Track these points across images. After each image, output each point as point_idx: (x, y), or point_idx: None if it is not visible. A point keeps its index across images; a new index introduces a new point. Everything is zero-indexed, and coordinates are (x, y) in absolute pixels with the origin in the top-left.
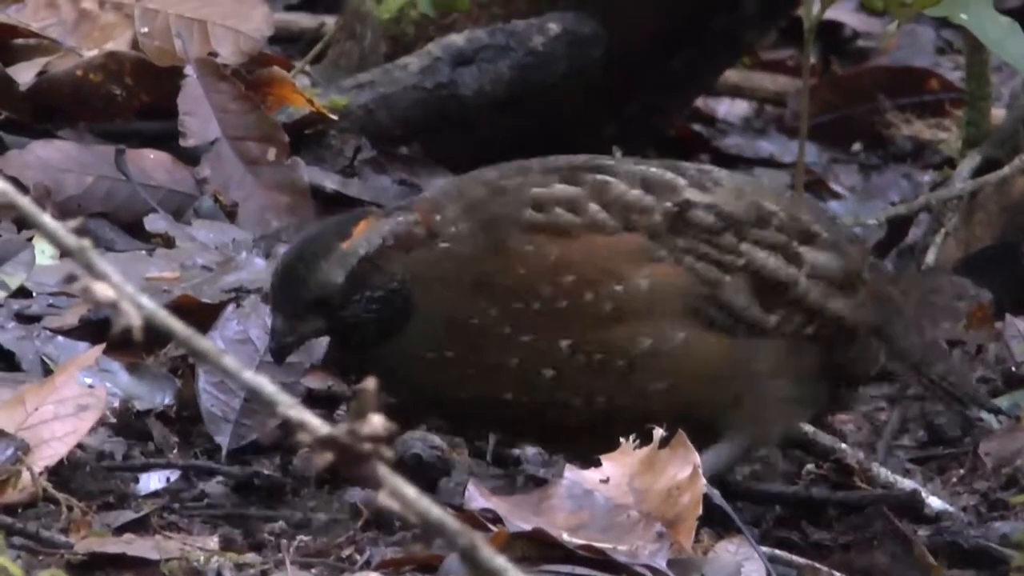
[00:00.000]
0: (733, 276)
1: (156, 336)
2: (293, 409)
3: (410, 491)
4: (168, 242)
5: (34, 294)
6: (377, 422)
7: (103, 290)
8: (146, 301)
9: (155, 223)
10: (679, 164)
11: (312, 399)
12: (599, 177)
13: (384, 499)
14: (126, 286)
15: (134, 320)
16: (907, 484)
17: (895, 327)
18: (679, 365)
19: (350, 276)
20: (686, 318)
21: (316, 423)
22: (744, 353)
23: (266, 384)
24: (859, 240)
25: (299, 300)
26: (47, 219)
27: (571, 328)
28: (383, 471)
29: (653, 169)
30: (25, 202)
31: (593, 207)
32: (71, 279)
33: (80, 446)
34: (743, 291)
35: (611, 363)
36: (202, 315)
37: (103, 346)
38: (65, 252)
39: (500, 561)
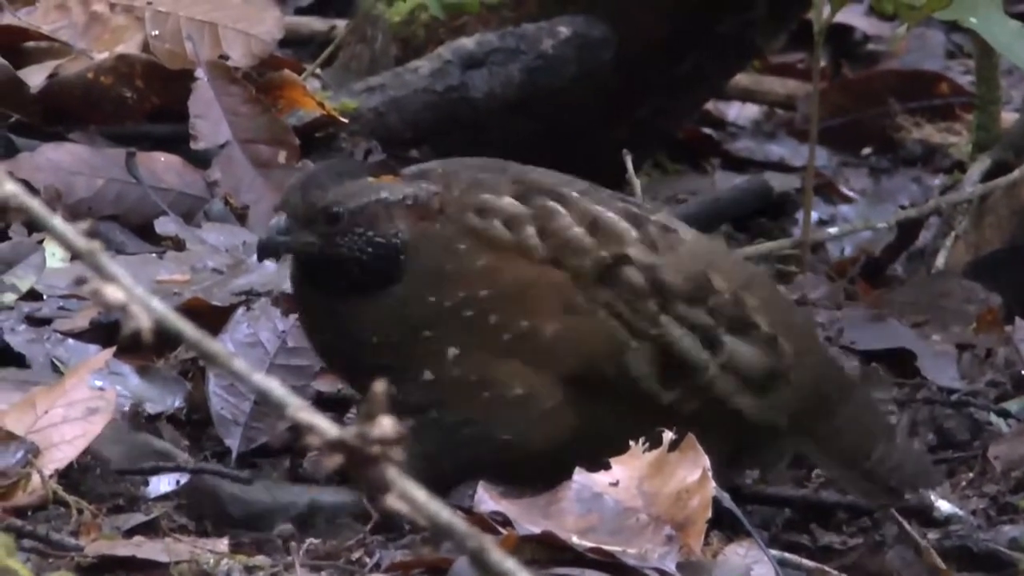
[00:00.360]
0: (641, 343)
1: (166, 339)
2: (303, 412)
3: (420, 494)
4: (178, 245)
5: (44, 297)
6: (387, 425)
7: (113, 292)
8: (156, 304)
9: (165, 226)
10: (644, 215)
11: (322, 402)
12: (549, 204)
13: (393, 502)
14: (136, 288)
15: (144, 323)
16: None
17: (826, 424)
18: (537, 425)
19: (364, 207)
20: (573, 379)
21: (326, 426)
22: (616, 428)
23: (276, 387)
24: (811, 327)
25: (311, 204)
26: (57, 221)
27: (463, 339)
28: (392, 474)
29: (610, 215)
30: (35, 204)
31: (529, 230)
32: (81, 282)
33: (89, 449)
34: (645, 360)
35: (477, 393)
36: (212, 318)
37: (113, 349)
38: (75, 254)
39: (509, 564)
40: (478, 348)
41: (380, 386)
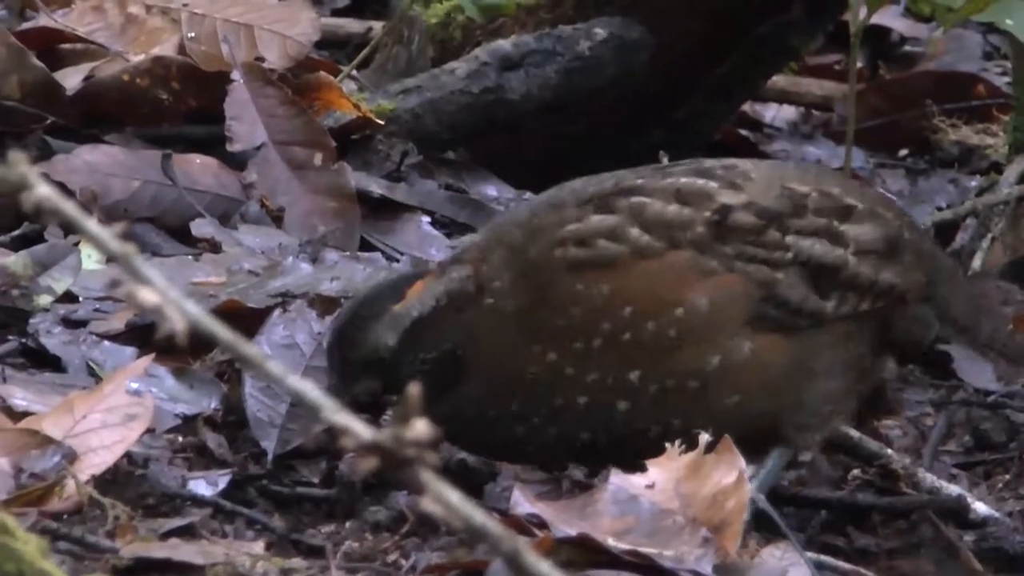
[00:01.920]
0: (785, 272)
1: (202, 341)
2: (337, 414)
3: (454, 496)
4: (214, 247)
5: (80, 299)
6: (421, 427)
7: (147, 295)
8: (191, 306)
9: (202, 228)
10: (704, 165)
11: (357, 404)
12: (634, 200)
13: (428, 504)
14: (170, 291)
15: (178, 325)
16: (953, 489)
17: (942, 284)
18: (749, 376)
19: (403, 338)
20: (748, 326)
21: (360, 428)
22: (807, 350)
23: (310, 389)
24: (888, 199)
25: (350, 362)
26: (92, 224)
27: (638, 359)
28: (427, 476)
29: (684, 180)
30: (70, 207)
31: (635, 232)
32: (115, 284)
33: (127, 453)
34: (797, 284)
35: (684, 386)
36: (248, 320)
37: (152, 356)
38: (110, 257)
39: (544, 566)
40: (654, 356)
41: (415, 389)
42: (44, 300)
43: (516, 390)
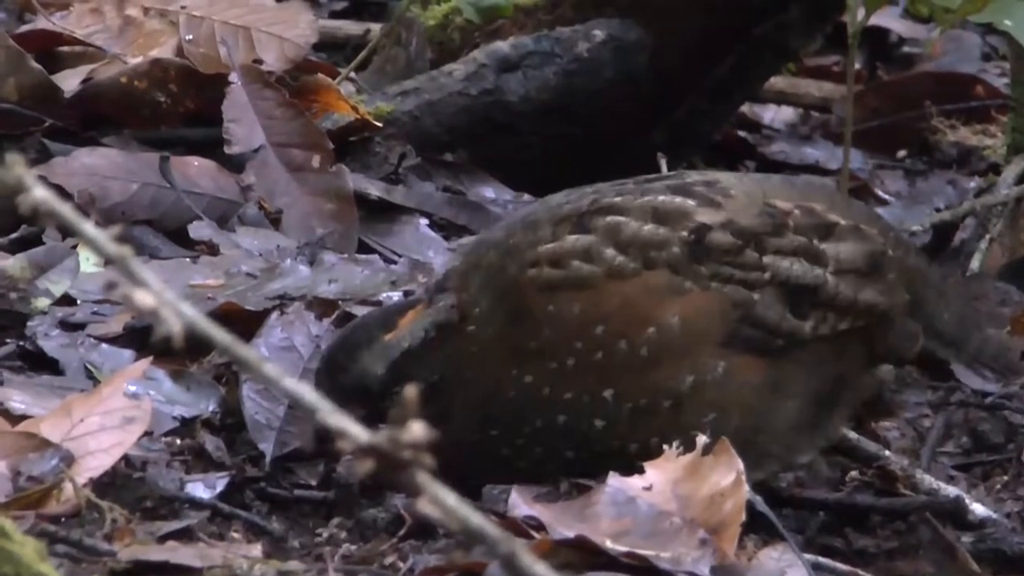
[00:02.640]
0: (762, 292)
1: (200, 343)
2: (334, 416)
3: (451, 498)
4: (212, 249)
5: (79, 301)
6: (417, 429)
7: (143, 297)
8: (187, 308)
9: (200, 230)
10: (685, 180)
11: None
12: (610, 219)
13: (424, 506)
14: (166, 293)
15: (175, 327)
16: (951, 491)
17: (928, 300)
18: (724, 394)
19: (391, 368)
20: (723, 346)
21: (357, 430)
22: (783, 370)
23: (307, 391)
24: (875, 214)
25: (339, 389)
26: (88, 226)
27: (612, 378)
28: (423, 478)
29: (662, 198)
30: (66, 209)
31: (609, 252)
32: (112, 287)
33: (125, 456)
34: (774, 305)
35: (658, 405)
36: (246, 323)
37: (150, 359)
38: (107, 259)
39: (540, 568)
40: (628, 375)
41: (411, 391)
42: (42, 303)
43: (498, 414)
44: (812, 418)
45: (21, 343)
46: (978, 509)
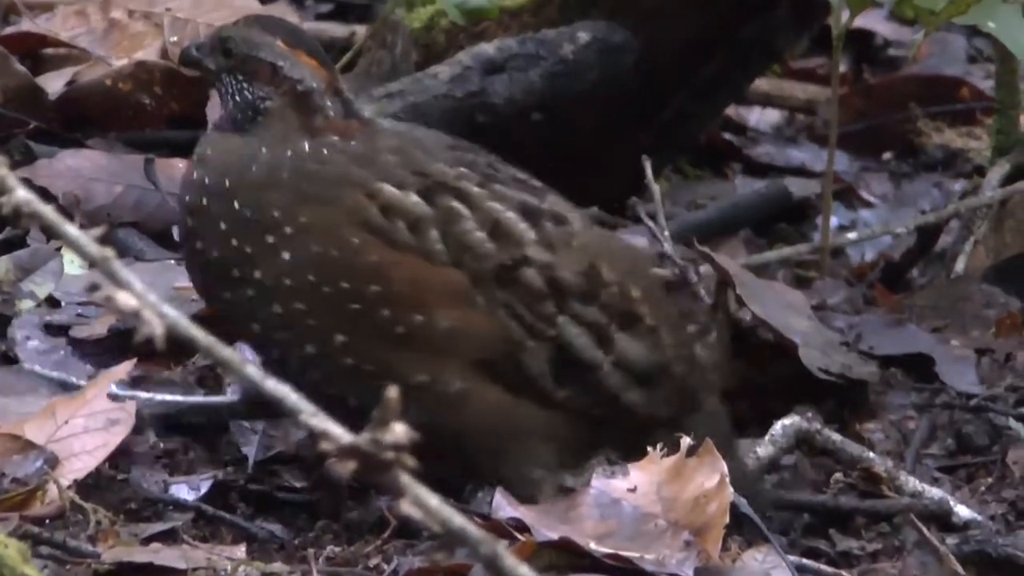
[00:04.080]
0: (538, 343)
1: (183, 346)
2: (315, 418)
3: (433, 500)
4: None
5: (62, 304)
6: (399, 431)
7: (126, 299)
8: (169, 310)
9: None
10: (539, 207)
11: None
12: (454, 205)
13: (407, 508)
14: (149, 295)
15: (157, 329)
16: (935, 493)
17: (689, 418)
18: (446, 410)
19: (256, 54)
20: (474, 368)
21: (339, 432)
22: (518, 416)
23: (289, 393)
24: (690, 323)
25: (225, 35)
26: (71, 228)
27: (352, 329)
28: (406, 479)
29: (511, 214)
30: (48, 211)
31: (433, 235)
32: (94, 288)
33: (109, 458)
34: (540, 360)
35: (378, 379)
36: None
37: (134, 361)
38: (90, 261)
39: (524, 570)
40: (368, 337)
41: (393, 392)
42: (26, 304)
43: (305, 287)
44: (536, 460)
45: (2, 348)
46: (962, 511)
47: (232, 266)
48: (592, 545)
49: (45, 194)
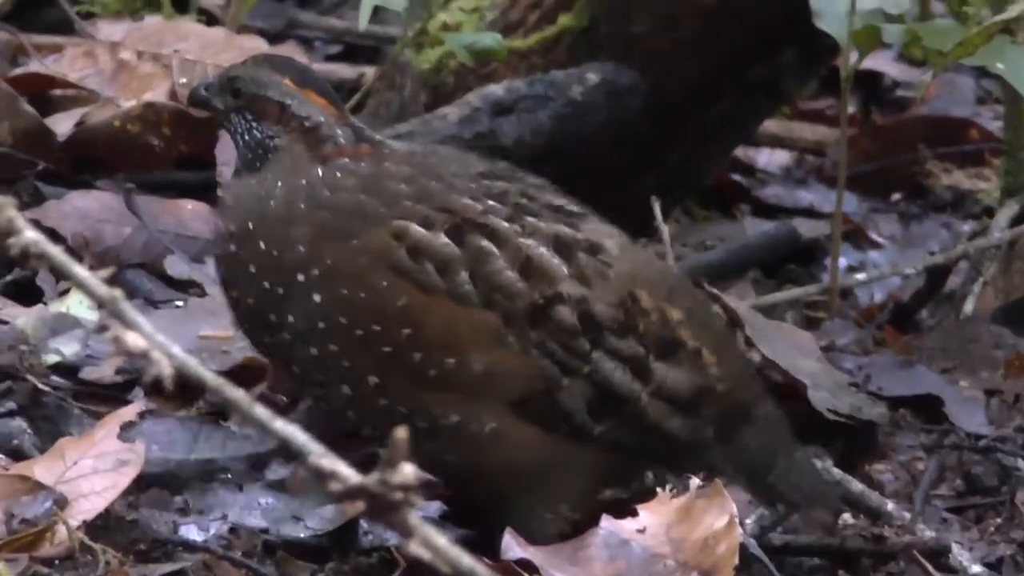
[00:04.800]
0: (573, 380)
1: (192, 386)
2: (324, 458)
3: (441, 540)
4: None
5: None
6: (408, 471)
7: (134, 340)
8: (177, 350)
9: (177, 266)
10: (574, 239)
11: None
12: (483, 244)
13: (415, 548)
14: (157, 335)
15: (165, 369)
16: (935, 535)
17: (738, 431)
18: (479, 450)
19: (264, 93)
20: (508, 408)
21: (347, 472)
22: (553, 455)
23: (297, 433)
24: (729, 337)
25: (232, 75)
26: (79, 269)
27: (386, 371)
28: (414, 519)
29: (542, 250)
30: (57, 252)
31: (463, 276)
32: (103, 329)
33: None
34: (577, 398)
35: (414, 422)
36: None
37: (144, 402)
38: (98, 302)
39: None
40: (401, 379)
41: (401, 432)
42: (51, 359)
43: (335, 328)
44: (571, 496)
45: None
46: (963, 556)
47: (268, 311)
48: None
49: (54, 235)
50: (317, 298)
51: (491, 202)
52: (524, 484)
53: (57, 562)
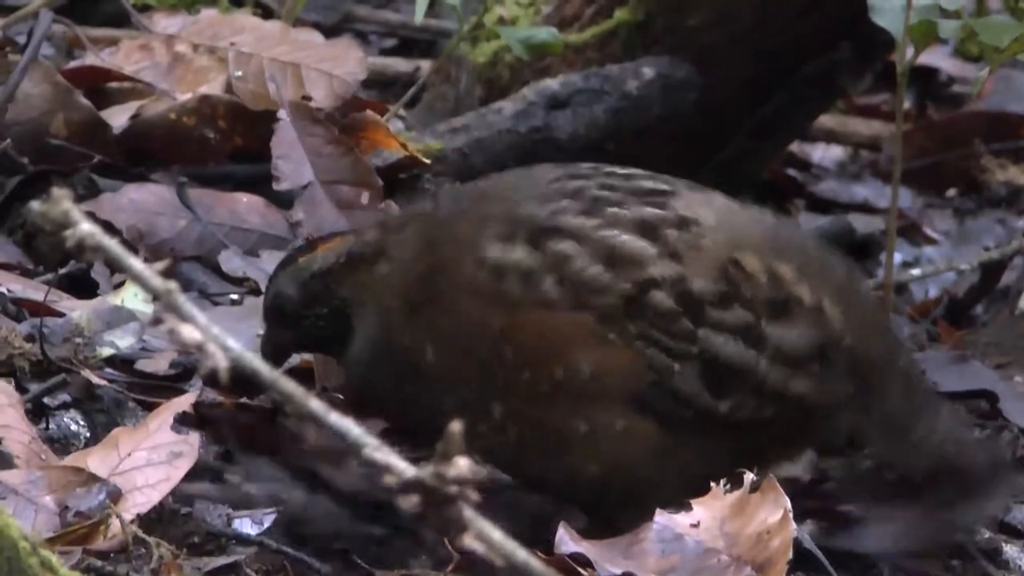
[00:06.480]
0: (685, 364)
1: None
2: (379, 452)
3: (496, 534)
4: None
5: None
6: (463, 464)
7: (189, 332)
8: (233, 343)
9: (230, 262)
10: (664, 213)
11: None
12: (563, 247)
13: (470, 542)
14: (212, 328)
15: (220, 362)
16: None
17: (875, 389)
18: (614, 452)
19: (300, 290)
20: (628, 405)
21: (402, 465)
22: (682, 445)
23: (353, 427)
24: (854, 282)
25: (266, 307)
26: (135, 262)
27: (506, 397)
28: (469, 513)
29: (625, 237)
30: (112, 244)
31: (548, 281)
32: (158, 322)
33: (173, 491)
34: (693, 380)
35: (544, 441)
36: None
37: (198, 392)
38: (153, 295)
39: None
40: (522, 403)
41: (456, 426)
42: (105, 352)
43: (392, 363)
44: (698, 487)
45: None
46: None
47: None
48: None
49: (109, 228)
50: (431, 354)
51: (564, 202)
52: (653, 477)
53: (111, 555)
